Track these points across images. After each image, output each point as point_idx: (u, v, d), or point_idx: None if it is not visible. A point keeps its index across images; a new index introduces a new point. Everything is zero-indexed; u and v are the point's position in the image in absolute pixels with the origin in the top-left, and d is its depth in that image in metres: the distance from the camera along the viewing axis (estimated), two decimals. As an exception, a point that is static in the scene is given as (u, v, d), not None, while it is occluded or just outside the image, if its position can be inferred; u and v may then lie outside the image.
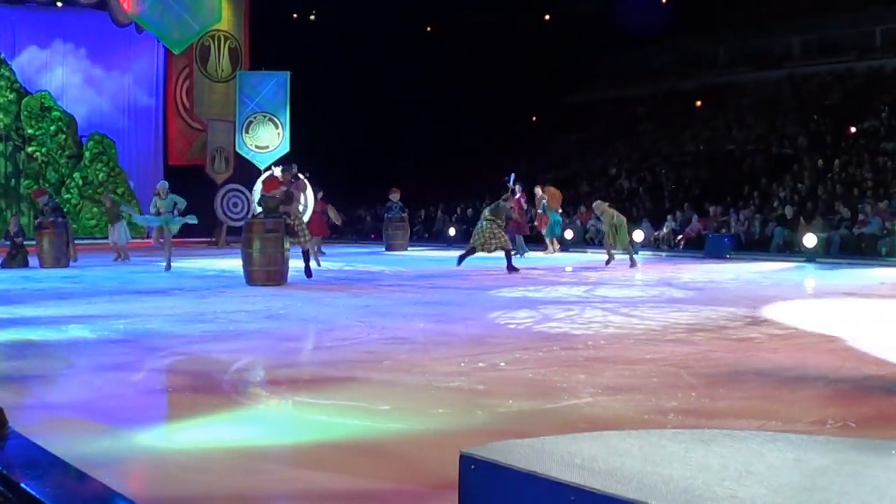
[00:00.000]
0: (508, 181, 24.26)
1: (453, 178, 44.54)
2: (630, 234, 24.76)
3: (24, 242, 24.23)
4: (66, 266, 23.32)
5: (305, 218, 23.59)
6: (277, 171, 21.72)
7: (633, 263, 23.48)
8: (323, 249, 29.14)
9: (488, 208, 22.45)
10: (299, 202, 20.00)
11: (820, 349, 10.04)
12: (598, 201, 24.96)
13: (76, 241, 25.77)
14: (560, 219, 30.11)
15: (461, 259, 22.31)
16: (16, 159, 38.89)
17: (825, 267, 23.85)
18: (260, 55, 39.29)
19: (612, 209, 24.34)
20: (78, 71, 41.65)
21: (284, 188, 19.35)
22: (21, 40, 40.39)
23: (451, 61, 48.15)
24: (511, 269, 21.55)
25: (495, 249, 21.81)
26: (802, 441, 3.89)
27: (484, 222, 21.94)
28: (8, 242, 24.09)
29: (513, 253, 22.79)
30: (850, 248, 26.66)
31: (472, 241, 22.26)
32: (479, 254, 22.16)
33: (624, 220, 24.20)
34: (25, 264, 23.46)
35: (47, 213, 24.06)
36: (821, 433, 6.18)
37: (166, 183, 24.02)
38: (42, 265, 23.29)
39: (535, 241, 29.36)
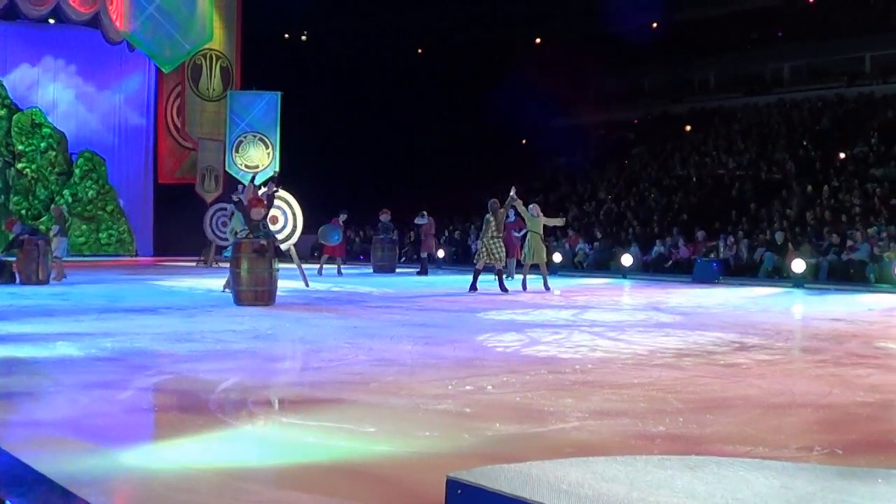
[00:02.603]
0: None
1: (442, 200, 44.56)
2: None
3: (6, 258, 24.19)
4: (43, 283, 23.20)
5: (295, 238, 23.73)
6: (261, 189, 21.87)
7: (540, 286, 23.42)
8: (342, 270, 29.60)
9: (490, 229, 22.49)
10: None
11: (807, 375, 10.04)
12: (536, 205, 24.62)
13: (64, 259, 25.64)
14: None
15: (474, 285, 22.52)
16: (6, 175, 38.89)
17: (814, 293, 23.90)
18: (251, 75, 39.37)
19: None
20: (69, 88, 41.75)
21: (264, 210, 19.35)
22: (13, 56, 40.47)
23: (441, 83, 48.31)
24: (503, 289, 21.99)
25: (494, 263, 22.21)
26: (789, 468, 3.89)
27: (487, 240, 22.26)
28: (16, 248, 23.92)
29: (504, 275, 23.04)
30: (839, 274, 26.75)
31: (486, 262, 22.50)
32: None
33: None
34: (12, 280, 23.41)
35: (25, 240, 23.83)
36: (808, 460, 6.18)
37: None
38: (20, 281, 23.29)
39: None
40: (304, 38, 49.66)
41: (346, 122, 46.42)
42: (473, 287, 22.24)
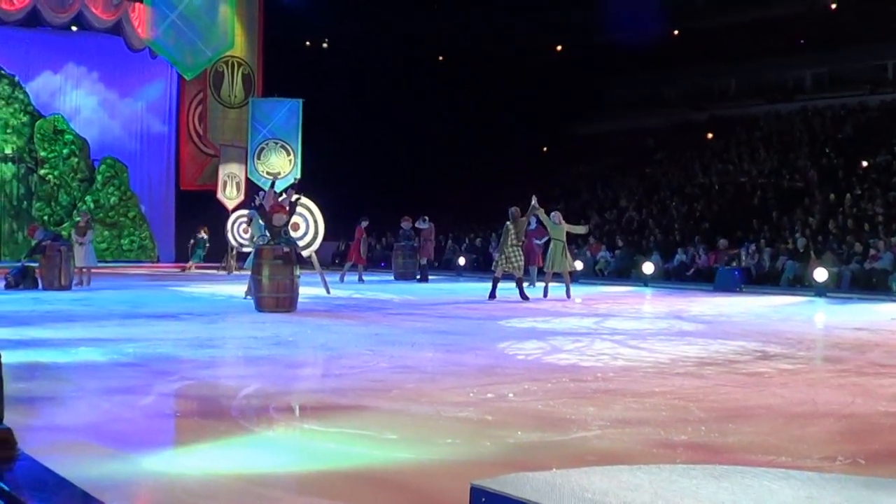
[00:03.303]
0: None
1: (463, 208, 44.55)
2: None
3: (30, 264, 24.27)
4: (65, 288, 23.28)
5: (316, 245, 23.77)
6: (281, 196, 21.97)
7: (567, 294, 23.44)
8: (363, 277, 29.68)
9: (509, 237, 22.40)
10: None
11: (830, 384, 10.01)
12: (558, 213, 24.54)
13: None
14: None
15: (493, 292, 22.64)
16: (28, 181, 39.03)
17: (836, 302, 23.81)
18: (273, 81, 39.43)
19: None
20: (91, 95, 41.89)
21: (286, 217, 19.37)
22: (35, 64, 40.63)
23: (462, 91, 48.27)
24: (523, 297, 21.93)
25: (513, 271, 22.20)
26: (814, 479, 3.87)
27: (506, 248, 22.23)
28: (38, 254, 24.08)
29: (525, 283, 23.05)
30: (861, 283, 26.62)
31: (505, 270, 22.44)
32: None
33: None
34: (35, 285, 23.48)
35: (47, 246, 23.90)
36: (830, 470, 6.15)
37: None
38: (43, 286, 23.37)
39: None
40: (325, 45, 49.71)
41: (366, 128, 46.42)
42: (492, 295, 22.23)
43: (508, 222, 22.27)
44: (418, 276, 31.22)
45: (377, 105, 46.48)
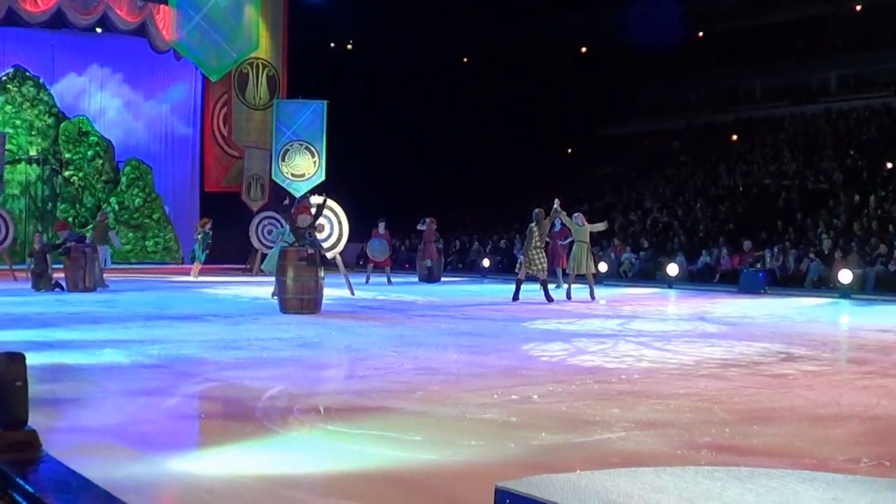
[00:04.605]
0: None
1: (488, 209, 44.55)
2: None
3: (54, 265, 24.33)
4: (90, 290, 23.32)
5: (340, 247, 23.86)
6: (313, 199, 21.95)
7: (592, 296, 23.36)
8: (391, 279, 29.59)
9: (533, 239, 22.32)
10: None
11: (855, 386, 9.96)
12: (581, 214, 24.46)
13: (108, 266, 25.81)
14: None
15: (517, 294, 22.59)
16: (53, 183, 39.16)
17: (860, 303, 23.71)
18: (297, 83, 39.51)
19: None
20: (116, 96, 42.04)
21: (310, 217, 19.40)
22: (60, 65, 40.77)
23: (487, 93, 48.29)
24: (548, 298, 21.96)
25: (536, 273, 22.11)
26: (839, 481, 3.85)
27: (529, 250, 22.17)
28: (32, 262, 24.28)
29: (551, 285, 23.03)
30: (886, 284, 26.52)
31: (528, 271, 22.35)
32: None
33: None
34: (55, 287, 23.50)
35: (71, 247, 23.98)
36: (855, 471, 6.12)
37: None
38: (67, 288, 23.44)
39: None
40: (349, 46, 49.80)
41: (391, 129, 46.50)
42: (516, 297, 22.21)
43: (532, 224, 22.22)
44: (427, 278, 31.16)
45: (401, 106, 46.55)
